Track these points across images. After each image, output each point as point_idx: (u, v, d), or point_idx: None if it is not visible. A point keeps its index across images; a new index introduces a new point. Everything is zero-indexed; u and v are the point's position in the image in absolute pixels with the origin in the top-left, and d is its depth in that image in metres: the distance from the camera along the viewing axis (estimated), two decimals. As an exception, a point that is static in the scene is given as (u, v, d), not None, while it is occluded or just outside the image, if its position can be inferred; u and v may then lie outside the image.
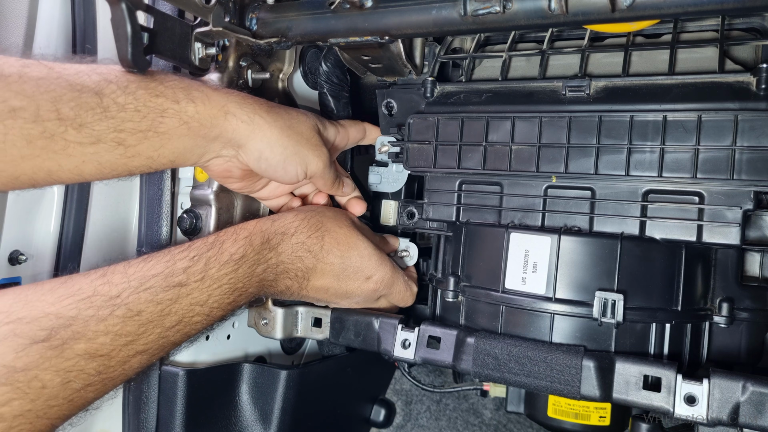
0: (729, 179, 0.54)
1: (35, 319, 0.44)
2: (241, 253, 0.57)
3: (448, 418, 1.11)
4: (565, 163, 0.60)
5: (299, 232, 0.63)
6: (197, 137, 0.57)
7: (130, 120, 0.52)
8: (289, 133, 0.63)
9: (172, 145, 0.56)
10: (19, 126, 0.47)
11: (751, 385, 0.51)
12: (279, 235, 0.62)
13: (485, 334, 0.62)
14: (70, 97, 0.49)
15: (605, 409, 0.66)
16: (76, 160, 0.51)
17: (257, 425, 0.78)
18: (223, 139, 0.59)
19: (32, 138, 0.48)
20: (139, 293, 0.50)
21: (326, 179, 0.68)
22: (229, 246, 0.57)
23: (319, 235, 0.65)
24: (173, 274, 0.52)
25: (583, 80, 0.60)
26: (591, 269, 0.59)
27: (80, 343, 0.46)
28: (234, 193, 0.72)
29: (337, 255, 0.65)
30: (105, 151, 0.52)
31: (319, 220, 0.66)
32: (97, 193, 0.94)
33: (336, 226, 0.66)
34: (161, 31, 0.58)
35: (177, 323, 0.53)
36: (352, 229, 0.67)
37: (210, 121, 0.57)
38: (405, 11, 0.57)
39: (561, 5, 0.49)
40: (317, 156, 0.65)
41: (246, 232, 0.59)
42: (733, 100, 0.54)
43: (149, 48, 0.56)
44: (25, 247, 0.91)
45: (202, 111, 0.57)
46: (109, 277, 0.50)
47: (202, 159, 0.61)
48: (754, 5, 0.46)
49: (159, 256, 0.53)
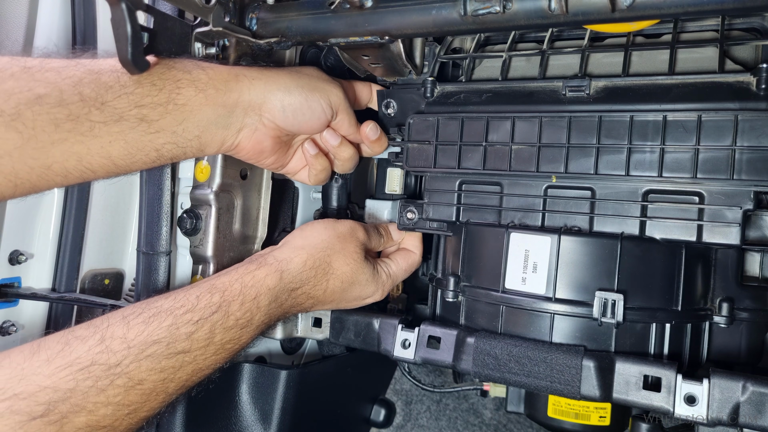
0: (729, 179, 0.54)
1: (32, 395, 0.43)
2: (248, 318, 0.57)
3: (448, 418, 1.11)
4: (565, 163, 0.60)
5: (306, 283, 0.63)
6: (217, 105, 0.57)
7: (148, 94, 0.53)
8: (301, 76, 0.64)
9: (195, 118, 0.56)
10: (46, 111, 0.48)
11: (751, 385, 0.51)
12: (287, 292, 0.61)
13: (485, 334, 0.62)
14: (90, 80, 0.51)
15: (605, 409, 0.66)
16: (103, 141, 0.52)
17: (257, 425, 0.78)
18: (243, 104, 0.59)
19: (59, 121, 0.49)
20: (140, 361, 0.49)
21: (349, 115, 0.68)
22: (236, 309, 0.56)
23: (325, 279, 0.64)
24: (176, 340, 0.51)
25: (583, 80, 0.60)
26: (591, 269, 0.59)
27: (80, 416, 0.45)
28: (234, 193, 0.72)
29: (338, 292, 0.66)
30: (128, 128, 0.52)
31: (327, 263, 0.65)
32: (97, 193, 0.95)
33: (344, 263, 0.66)
34: (161, 31, 0.58)
35: (180, 387, 0.52)
36: (357, 264, 0.67)
37: (224, 85, 0.58)
38: (405, 11, 0.57)
39: (561, 5, 0.49)
40: (335, 86, 0.66)
41: (254, 291, 0.58)
42: (733, 100, 0.54)
43: (149, 48, 0.56)
44: (25, 247, 0.91)
45: (213, 77, 0.57)
46: (107, 344, 0.48)
47: (229, 134, 0.60)
48: (754, 5, 0.46)
49: (161, 317, 0.52)
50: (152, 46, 0.56)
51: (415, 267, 0.74)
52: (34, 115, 0.47)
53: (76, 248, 0.93)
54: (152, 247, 0.74)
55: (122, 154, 0.53)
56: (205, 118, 0.57)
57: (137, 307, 0.53)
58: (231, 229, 0.72)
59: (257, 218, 0.76)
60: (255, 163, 0.67)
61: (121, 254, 1.01)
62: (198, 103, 0.56)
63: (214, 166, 0.70)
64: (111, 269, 1.00)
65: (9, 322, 0.91)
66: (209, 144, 0.59)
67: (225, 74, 0.58)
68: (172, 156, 0.57)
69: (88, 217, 0.94)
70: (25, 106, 0.47)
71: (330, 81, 0.66)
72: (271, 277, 0.60)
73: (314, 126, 0.65)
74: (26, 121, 0.47)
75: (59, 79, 0.49)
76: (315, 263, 0.64)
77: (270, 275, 0.60)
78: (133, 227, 1.01)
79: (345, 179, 0.80)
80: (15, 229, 0.89)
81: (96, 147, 0.51)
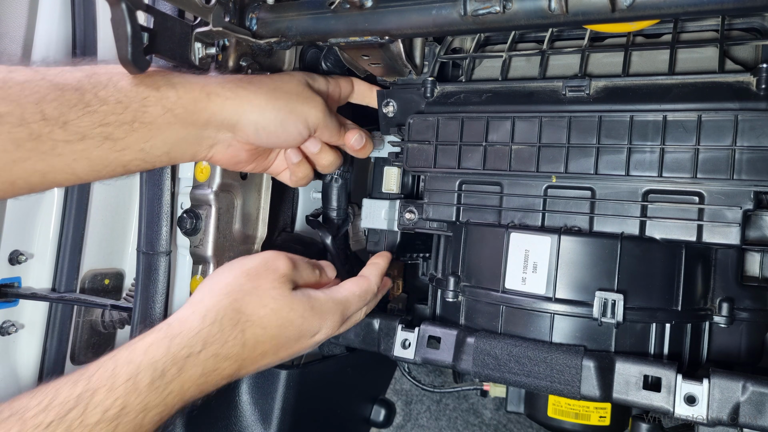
0: (729, 179, 0.54)
1: None
2: (120, 405, 0.46)
3: (448, 418, 1.11)
4: (565, 163, 0.60)
5: (209, 343, 0.51)
6: (186, 125, 0.55)
7: (113, 112, 0.51)
8: (278, 95, 0.60)
9: (162, 136, 0.54)
10: (7, 131, 0.47)
11: (751, 385, 0.51)
12: (180, 361, 0.49)
13: (485, 334, 0.62)
14: (53, 97, 0.49)
15: (605, 409, 0.66)
16: (67, 159, 0.50)
17: (257, 425, 0.78)
18: (215, 123, 0.57)
19: (20, 141, 0.47)
20: None
21: (330, 128, 0.65)
22: (101, 398, 0.45)
23: (238, 331, 0.53)
24: None
25: (583, 80, 0.60)
26: (591, 269, 0.59)
27: None
28: (234, 193, 0.72)
29: (265, 342, 0.55)
30: (93, 146, 0.51)
31: (235, 310, 0.54)
32: (97, 193, 0.95)
33: (259, 305, 0.55)
34: (161, 31, 0.58)
35: None
36: (280, 301, 0.56)
37: (194, 105, 0.55)
38: (405, 11, 0.57)
39: (561, 5, 0.49)
40: (313, 107, 0.62)
41: (127, 370, 0.47)
42: (733, 100, 0.54)
43: (149, 48, 0.56)
44: (25, 247, 0.91)
45: (183, 95, 0.55)
46: None
47: (200, 149, 0.58)
48: (754, 5, 0.46)
49: (8, 425, 0.42)
50: (152, 46, 0.56)
51: (369, 294, 0.64)
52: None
53: (76, 248, 0.93)
54: (152, 247, 0.74)
55: (87, 170, 0.52)
56: (174, 136, 0.55)
57: None
58: (231, 229, 0.72)
59: (257, 218, 0.76)
60: (233, 169, 0.66)
61: (121, 254, 1.01)
62: (165, 122, 0.54)
63: (214, 166, 0.70)
64: (111, 269, 1.00)
65: (9, 322, 0.91)
66: (179, 158, 0.57)
67: (196, 92, 0.56)
68: (141, 169, 0.56)
69: (88, 217, 0.94)
70: None
71: (309, 99, 0.63)
72: (156, 346, 0.49)
73: (291, 144, 0.63)
74: None
75: (21, 96, 0.48)
76: (217, 315, 0.53)
77: (154, 344, 0.50)
78: (133, 227, 1.01)
79: (345, 179, 0.80)
80: (15, 229, 0.89)
81: (60, 165, 0.50)
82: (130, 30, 0.52)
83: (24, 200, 0.89)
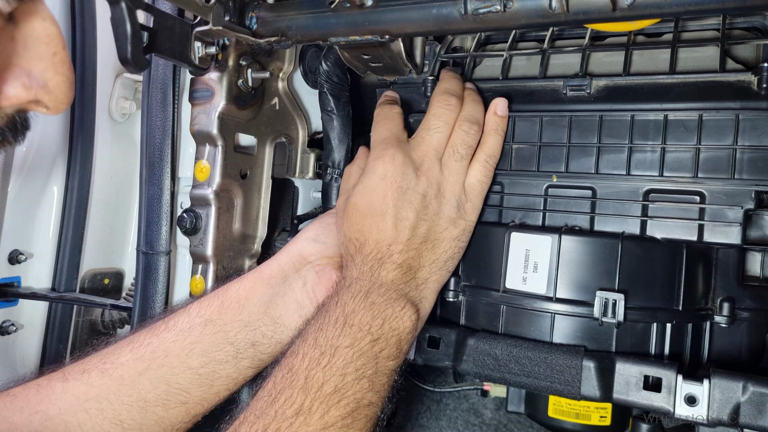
0: (730, 179, 0.54)
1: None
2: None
3: (448, 418, 1.11)
4: (566, 163, 0.60)
5: (358, 296, 0.56)
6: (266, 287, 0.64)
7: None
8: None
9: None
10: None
11: (751, 385, 0.51)
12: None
13: (485, 335, 0.62)
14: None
15: (606, 409, 0.66)
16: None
17: (257, 425, 0.77)
18: (298, 282, 0.64)
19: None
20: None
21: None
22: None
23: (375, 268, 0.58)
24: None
25: (584, 79, 0.60)
26: (592, 269, 0.59)
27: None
28: (234, 192, 0.72)
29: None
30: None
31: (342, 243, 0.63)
32: (97, 193, 0.94)
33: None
34: (161, 30, 0.58)
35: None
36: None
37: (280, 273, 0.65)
38: (405, 10, 0.57)
39: (562, 4, 0.49)
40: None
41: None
42: (735, 100, 0.54)
43: (149, 47, 0.56)
44: (24, 246, 0.91)
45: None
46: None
47: (297, 295, 0.64)
48: (755, 4, 0.46)
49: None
50: (152, 45, 0.56)
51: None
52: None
53: (75, 248, 0.93)
54: (152, 247, 0.74)
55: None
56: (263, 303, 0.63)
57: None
58: (231, 229, 0.72)
59: (257, 217, 0.76)
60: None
61: (121, 254, 1.01)
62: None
63: (214, 166, 0.70)
64: (111, 269, 0.99)
65: (9, 321, 0.91)
66: (284, 314, 0.63)
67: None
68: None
69: (88, 216, 0.94)
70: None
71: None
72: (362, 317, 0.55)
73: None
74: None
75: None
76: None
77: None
78: (133, 227, 1.01)
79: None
80: (15, 228, 0.89)
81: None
82: (130, 29, 0.51)
83: (24, 200, 0.89)
